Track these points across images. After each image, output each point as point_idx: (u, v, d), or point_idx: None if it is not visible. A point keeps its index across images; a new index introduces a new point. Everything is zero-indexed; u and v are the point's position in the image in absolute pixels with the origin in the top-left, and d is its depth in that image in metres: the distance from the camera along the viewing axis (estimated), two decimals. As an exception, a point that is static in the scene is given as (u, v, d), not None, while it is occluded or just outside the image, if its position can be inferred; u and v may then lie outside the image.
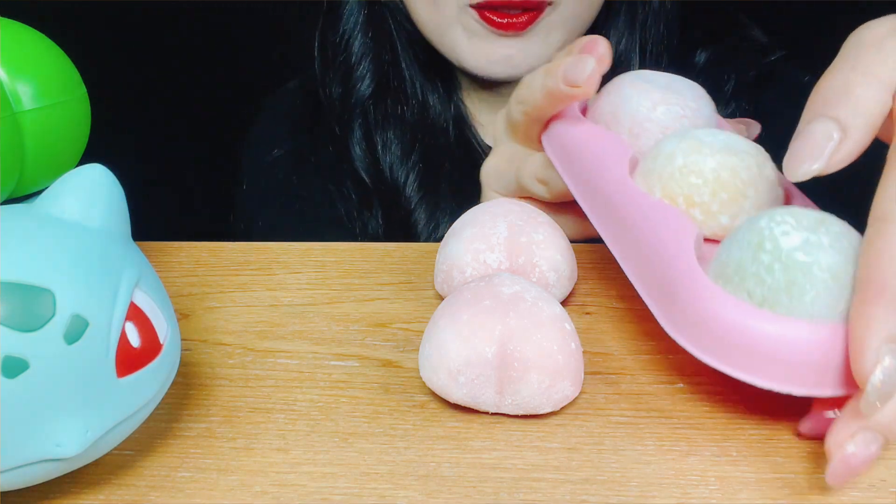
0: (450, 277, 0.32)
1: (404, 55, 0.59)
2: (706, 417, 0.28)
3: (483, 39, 0.52)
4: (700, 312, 0.25)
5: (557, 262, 0.32)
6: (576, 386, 0.27)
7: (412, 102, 0.59)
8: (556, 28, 0.52)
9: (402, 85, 0.59)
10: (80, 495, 0.25)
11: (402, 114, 0.59)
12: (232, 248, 0.38)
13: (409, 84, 0.59)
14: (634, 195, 0.30)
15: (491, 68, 0.53)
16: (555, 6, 0.51)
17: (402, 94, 0.59)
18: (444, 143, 0.59)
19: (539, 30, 0.52)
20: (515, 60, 0.53)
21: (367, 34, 0.59)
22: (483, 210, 0.34)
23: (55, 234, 0.24)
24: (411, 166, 0.58)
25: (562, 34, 0.53)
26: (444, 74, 0.60)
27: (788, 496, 0.25)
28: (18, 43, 0.34)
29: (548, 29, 0.52)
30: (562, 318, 0.28)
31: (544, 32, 0.52)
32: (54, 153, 0.34)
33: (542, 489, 0.25)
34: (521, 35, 0.51)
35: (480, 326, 0.27)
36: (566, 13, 0.52)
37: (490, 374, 0.27)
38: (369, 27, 0.59)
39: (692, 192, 0.29)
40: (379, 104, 0.59)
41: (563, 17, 0.52)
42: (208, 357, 0.31)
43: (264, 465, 0.26)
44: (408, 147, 0.59)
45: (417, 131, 0.59)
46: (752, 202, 0.29)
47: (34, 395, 0.21)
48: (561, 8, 0.51)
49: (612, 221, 0.31)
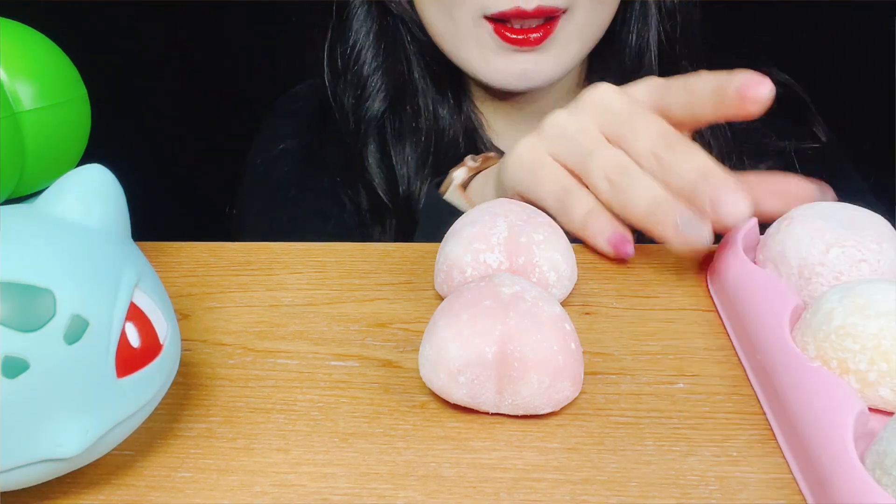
0: (450, 277, 0.32)
1: (416, 67, 0.59)
2: (706, 417, 0.28)
3: (497, 54, 0.52)
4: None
5: (557, 262, 0.32)
6: (576, 386, 0.27)
7: (425, 114, 0.59)
8: (572, 40, 0.52)
9: (416, 97, 0.59)
10: (80, 495, 0.25)
11: (416, 126, 0.59)
12: (232, 248, 0.38)
13: (421, 96, 0.59)
14: (790, 356, 0.27)
15: (507, 81, 0.53)
16: (570, 15, 0.51)
17: (415, 106, 0.59)
18: (454, 154, 0.58)
19: (554, 43, 0.51)
20: (531, 74, 0.52)
21: (380, 46, 0.59)
22: (483, 210, 0.33)
23: (55, 234, 0.24)
24: (426, 177, 0.58)
25: (577, 45, 0.52)
26: (454, 85, 0.60)
27: (788, 496, 0.25)
28: (18, 43, 0.34)
29: (563, 42, 0.51)
30: (562, 319, 0.28)
31: (560, 45, 0.52)
32: (54, 153, 0.34)
33: (542, 489, 0.25)
34: (536, 49, 0.51)
35: (480, 327, 0.27)
36: (581, 22, 0.51)
37: (490, 374, 0.27)
38: (381, 39, 0.59)
39: (846, 357, 0.26)
40: (394, 117, 0.59)
41: (578, 27, 0.51)
42: (208, 357, 0.31)
43: (264, 465, 0.26)
44: (422, 159, 0.59)
45: (430, 143, 0.59)
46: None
47: (34, 395, 0.21)
48: (576, 17, 0.51)
49: (767, 381, 0.28)
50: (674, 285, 0.35)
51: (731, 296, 0.32)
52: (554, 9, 0.49)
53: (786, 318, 0.28)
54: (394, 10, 0.58)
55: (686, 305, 0.34)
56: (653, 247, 0.38)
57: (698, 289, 0.35)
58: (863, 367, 0.26)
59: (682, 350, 0.31)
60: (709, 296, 0.35)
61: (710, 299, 0.34)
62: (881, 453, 0.23)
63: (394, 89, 0.59)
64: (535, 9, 0.49)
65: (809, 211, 0.32)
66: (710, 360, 0.31)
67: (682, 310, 0.34)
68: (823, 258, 0.30)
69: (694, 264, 0.37)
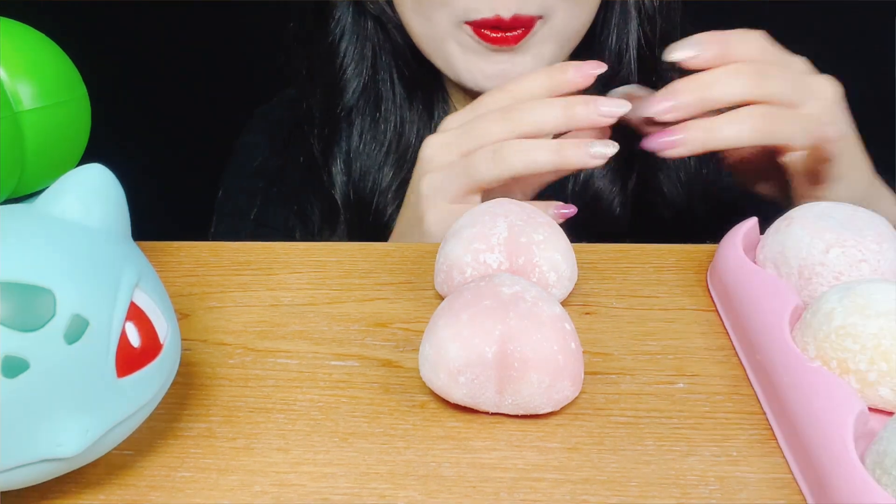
0: (450, 277, 0.32)
1: (388, 72, 0.59)
2: (706, 417, 0.28)
3: (477, 55, 0.52)
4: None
5: (557, 262, 0.32)
6: (576, 386, 0.27)
7: (393, 118, 0.59)
8: (548, 41, 0.52)
9: (381, 102, 0.60)
10: (80, 495, 0.25)
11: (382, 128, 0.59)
12: (232, 248, 0.38)
13: (388, 101, 0.60)
14: (790, 356, 0.27)
15: (486, 83, 0.53)
16: (545, 20, 0.51)
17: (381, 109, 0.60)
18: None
19: (532, 44, 0.52)
20: (510, 75, 0.53)
21: (354, 47, 0.59)
22: (483, 210, 0.33)
23: (55, 234, 0.24)
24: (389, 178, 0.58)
25: (553, 47, 0.53)
26: (426, 91, 0.60)
27: (788, 496, 0.25)
28: (19, 43, 0.34)
29: (540, 42, 0.52)
30: (562, 318, 0.28)
31: (537, 46, 0.52)
32: (54, 153, 0.34)
33: (542, 489, 0.25)
34: (513, 49, 0.52)
35: (480, 327, 0.27)
36: (558, 26, 0.52)
37: (490, 374, 0.27)
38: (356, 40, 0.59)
39: (846, 357, 0.26)
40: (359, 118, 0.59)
41: (554, 31, 0.52)
42: (208, 357, 0.31)
43: (264, 465, 0.26)
44: (384, 162, 0.59)
45: (393, 148, 0.59)
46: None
47: (34, 395, 0.21)
48: (552, 22, 0.51)
49: (767, 381, 0.28)
50: (674, 285, 0.35)
51: (731, 296, 0.32)
52: (530, 18, 0.50)
53: (786, 318, 0.28)
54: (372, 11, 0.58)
55: (686, 305, 0.34)
56: (653, 247, 0.38)
57: (698, 289, 0.35)
58: (863, 367, 0.26)
59: (681, 350, 0.31)
60: (709, 296, 0.35)
61: (710, 299, 0.34)
62: (881, 453, 0.23)
63: (362, 90, 0.59)
64: (512, 17, 0.50)
65: (809, 211, 0.32)
66: (710, 359, 0.31)
67: (682, 310, 0.34)
68: (823, 258, 0.30)
69: (694, 264, 0.37)
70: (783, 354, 0.27)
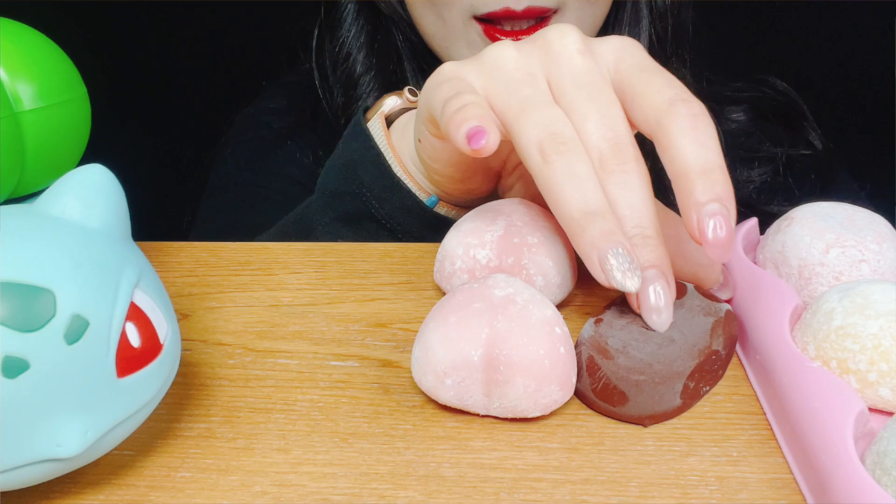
0: (442, 268, 0.32)
1: (409, 68, 0.59)
2: (706, 417, 0.28)
3: None
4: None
5: (547, 267, 0.32)
6: (566, 390, 0.27)
7: None
8: None
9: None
10: (80, 495, 0.25)
11: None
12: (232, 248, 0.38)
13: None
14: (790, 356, 0.27)
15: None
16: (560, 15, 0.50)
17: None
18: None
19: None
20: None
21: (372, 46, 0.59)
22: (489, 207, 0.33)
23: (55, 234, 0.24)
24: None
25: None
26: None
27: (788, 496, 0.25)
28: (18, 43, 0.34)
29: None
30: (552, 322, 0.27)
31: None
32: (54, 153, 0.34)
33: (542, 489, 0.25)
34: None
35: (467, 329, 0.27)
36: (572, 22, 0.51)
37: (476, 377, 0.26)
38: (374, 39, 0.59)
39: (846, 357, 0.26)
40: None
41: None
42: (208, 357, 0.31)
43: (264, 465, 0.26)
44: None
45: None
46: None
47: (34, 395, 0.21)
48: (566, 17, 0.51)
49: (767, 381, 0.28)
50: (674, 285, 0.35)
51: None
52: (544, 9, 0.49)
53: (786, 318, 0.28)
54: (384, 11, 0.58)
55: (686, 305, 0.34)
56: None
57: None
58: (863, 367, 0.26)
59: (682, 350, 0.31)
60: (709, 296, 0.35)
61: (710, 299, 0.34)
62: (881, 453, 0.23)
63: (387, 89, 0.59)
64: (525, 9, 0.49)
65: (809, 211, 0.32)
66: (710, 360, 0.31)
67: (682, 310, 0.34)
68: (823, 258, 0.30)
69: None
70: (783, 354, 0.27)
